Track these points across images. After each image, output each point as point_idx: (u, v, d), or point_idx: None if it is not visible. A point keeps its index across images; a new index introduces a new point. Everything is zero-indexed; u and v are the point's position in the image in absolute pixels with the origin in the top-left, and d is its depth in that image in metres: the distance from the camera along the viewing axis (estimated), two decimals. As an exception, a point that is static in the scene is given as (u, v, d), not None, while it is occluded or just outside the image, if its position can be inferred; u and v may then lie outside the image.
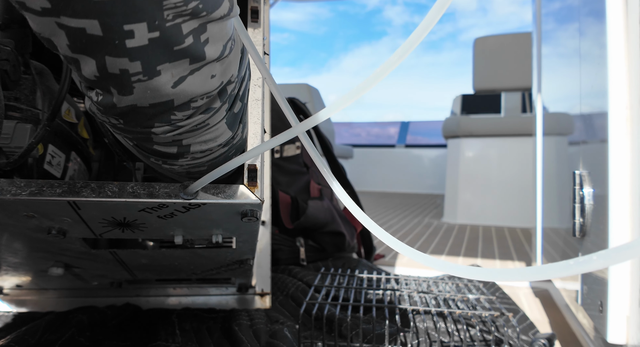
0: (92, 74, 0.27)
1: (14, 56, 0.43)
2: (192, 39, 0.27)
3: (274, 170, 1.29)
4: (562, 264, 0.22)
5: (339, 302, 0.73)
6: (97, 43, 0.25)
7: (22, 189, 0.39)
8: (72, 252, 0.56)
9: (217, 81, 0.31)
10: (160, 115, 0.31)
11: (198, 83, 0.30)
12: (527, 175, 2.39)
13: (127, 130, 0.33)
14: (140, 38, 0.25)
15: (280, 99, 0.34)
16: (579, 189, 0.67)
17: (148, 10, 0.24)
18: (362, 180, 5.10)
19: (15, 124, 0.45)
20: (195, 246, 0.57)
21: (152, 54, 0.26)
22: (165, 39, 0.26)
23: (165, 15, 0.25)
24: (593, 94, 0.68)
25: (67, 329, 0.68)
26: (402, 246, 0.31)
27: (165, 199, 0.40)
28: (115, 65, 0.26)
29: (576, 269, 0.21)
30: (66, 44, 0.26)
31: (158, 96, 0.29)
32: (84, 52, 0.26)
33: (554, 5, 1.14)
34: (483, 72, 2.77)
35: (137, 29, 0.25)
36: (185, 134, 0.34)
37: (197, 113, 0.32)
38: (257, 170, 0.43)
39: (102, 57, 0.26)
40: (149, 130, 0.32)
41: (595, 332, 0.65)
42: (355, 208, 0.34)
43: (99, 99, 0.30)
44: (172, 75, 0.28)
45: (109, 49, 0.25)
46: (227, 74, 0.32)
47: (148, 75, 0.27)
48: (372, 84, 0.28)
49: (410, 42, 0.26)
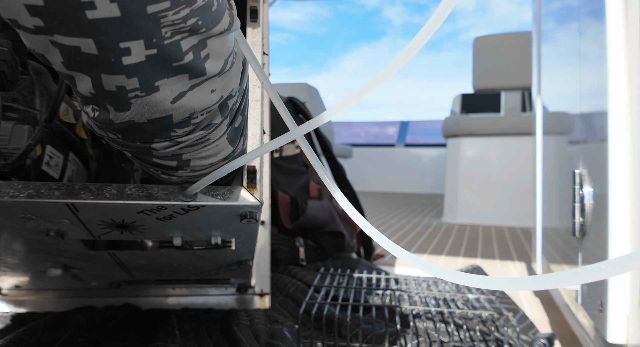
0: (88, 91, 0.27)
1: (11, 57, 0.43)
2: (192, 55, 0.27)
3: (274, 169, 1.29)
4: (570, 273, 0.21)
5: (339, 302, 0.73)
6: (92, 61, 0.25)
7: (20, 191, 0.39)
8: (70, 253, 0.55)
9: (217, 96, 0.31)
10: (160, 132, 0.30)
11: (198, 98, 0.29)
12: (527, 174, 2.39)
13: (125, 145, 0.32)
14: (137, 55, 0.25)
15: (279, 105, 0.34)
16: (578, 188, 0.67)
17: (145, 28, 0.24)
18: (361, 180, 5.10)
19: (13, 125, 0.45)
20: (194, 247, 0.57)
21: (149, 70, 0.26)
22: (163, 56, 0.25)
23: (163, 32, 0.24)
24: (593, 93, 0.68)
25: (66, 330, 0.68)
26: (402, 252, 0.31)
27: (164, 201, 0.40)
28: (111, 83, 0.26)
29: (584, 277, 0.21)
30: (60, 62, 0.25)
31: (156, 112, 0.28)
32: (79, 70, 0.25)
33: (553, 5, 1.14)
34: (483, 72, 2.76)
35: (134, 46, 0.24)
36: (185, 149, 0.33)
37: (198, 129, 0.32)
38: (257, 172, 0.43)
39: (97, 74, 0.25)
40: (148, 145, 0.32)
41: (595, 331, 0.65)
42: (353, 212, 0.34)
43: (96, 115, 0.29)
44: (172, 91, 0.28)
45: (105, 67, 0.25)
46: (228, 88, 0.32)
47: (146, 91, 0.27)
48: (374, 88, 0.27)
49: (412, 46, 0.25)
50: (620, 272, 0.19)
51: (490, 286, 0.25)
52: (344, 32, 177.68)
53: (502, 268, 1.37)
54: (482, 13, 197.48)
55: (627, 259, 0.19)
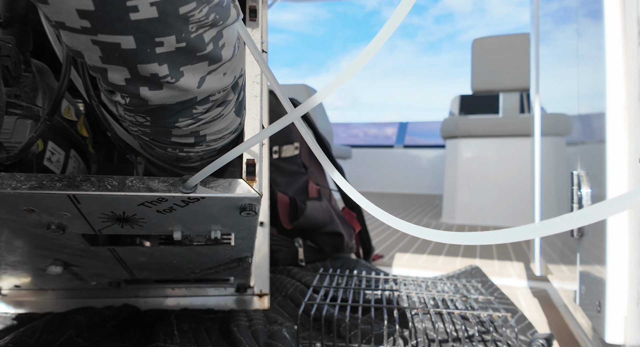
0: (122, 79, 0.29)
1: (15, 53, 0.44)
2: (212, 46, 0.30)
3: (273, 170, 1.29)
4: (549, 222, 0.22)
5: (338, 302, 0.73)
6: (130, 55, 0.27)
7: (23, 183, 0.39)
8: (71, 250, 0.56)
9: (230, 77, 0.35)
10: (184, 111, 0.34)
11: (215, 81, 0.33)
12: (526, 175, 2.40)
13: (151, 126, 0.35)
14: (168, 46, 0.28)
15: (275, 86, 0.36)
16: (577, 189, 0.67)
17: (176, 25, 0.27)
18: (360, 180, 5.10)
19: (15, 119, 0.46)
20: (194, 243, 0.58)
21: (177, 59, 0.29)
22: (190, 48, 0.29)
23: (190, 28, 0.28)
24: (591, 94, 0.68)
25: (65, 330, 0.68)
26: (398, 222, 0.32)
27: (164, 193, 0.41)
28: (146, 71, 0.29)
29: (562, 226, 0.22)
30: (98, 57, 0.28)
31: (185, 95, 0.32)
32: (115, 63, 0.28)
33: (551, 6, 1.14)
34: (481, 73, 2.77)
35: (167, 40, 0.28)
36: (203, 125, 0.37)
37: (215, 106, 0.36)
38: (256, 165, 0.44)
39: (134, 65, 0.28)
40: (172, 124, 0.35)
41: (594, 332, 0.66)
42: (345, 184, 0.36)
43: (127, 101, 0.32)
44: (194, 76, 0.31)
45: (141, 58, 0.28)
46: (238, 69, 0.36)
47: (175, 77, 0.30)
48: (362, 64, 0.29)
49: (394, 19, 0.27)
50: (574, 226, 0.21)
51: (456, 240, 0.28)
52: (343, 33, 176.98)
53: (500, 268, 1.37)
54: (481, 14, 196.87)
55: (616, 201, 0.20)
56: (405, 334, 0.70)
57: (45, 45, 0.58)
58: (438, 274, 1.27)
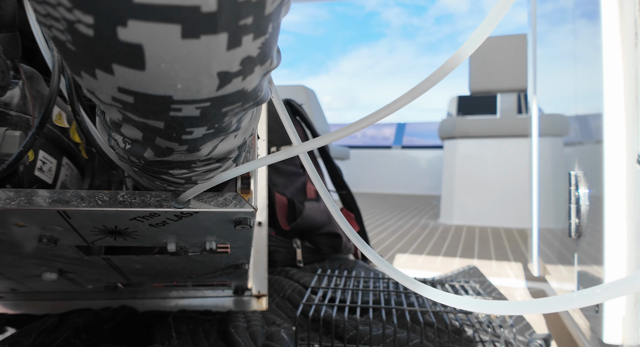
0: (134, 137, 0.28)
1: (2, 61, 0.43)
2: (236, 124, 0.29)
3: (271, 171, 1.29)
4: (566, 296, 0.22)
5: (336, 303, 0.73)
6: (153, 130, 0.26)
7: (12, 199, 0.39)
8: (65, 259, 0.55)
9: (241, 139, 0.33)
10: (183, 164, 0.32)
11: (226, 144, 0.31)
12: (523, 176, 2.40)
13: (143, 167, 0.34)
14: (196, 134, 0.27)
15: (285, 119, 0.35)
16: (574, 189, 0.68)
17: (214, 120, 0.26)
18: (358, 181, 5.11)
19: (4, 131, 0.44)
20: (189, 253, 0.57)
21: (199, 140, 0.28)
22: (217, 132, 0.28)
23: (225, 119, 0.27)
24: (588, 95, 0.68)
25: (62, 332, 0.68)
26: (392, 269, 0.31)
27: (156, 208, 0.40)
28: (164, 144, 0.28)
29: (579, 301, 0.21)
30: (118, 118, 0.26)
31: (191, 157, 0.30)
32: (135, 126, 0.27)
33: (548, 7, 1.15)
34: (479, 74, 2.78)
35: (197, 130, 0.26)
36: (197, 176, 0.35)
37: (215, 161, 0.34)
38: (251, 178, 0.43)
39: (153, 139, 0.27)
40: (166, 171, 0.33)
41: (592, 332, 0.66)
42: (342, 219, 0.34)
43: (128, 148, 0.30)
44: (208, 147, 0.30)
45: (163, 136, 0.26)
46: (250, 130, 0.34)
47: (190, 151, 0.29)
48: (391, 112, 0.27)
49: (451, 63, 0.24)
50: (615, 296, 0.19)
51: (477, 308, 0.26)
52: (343, 34, 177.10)
53: (498, 269, 1.37)
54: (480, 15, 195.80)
55: (622, 283, 0.19)
56: (403, 335, 0.70)
57: (37, 51, 0.58)
58: (436, 274, 1.27)
